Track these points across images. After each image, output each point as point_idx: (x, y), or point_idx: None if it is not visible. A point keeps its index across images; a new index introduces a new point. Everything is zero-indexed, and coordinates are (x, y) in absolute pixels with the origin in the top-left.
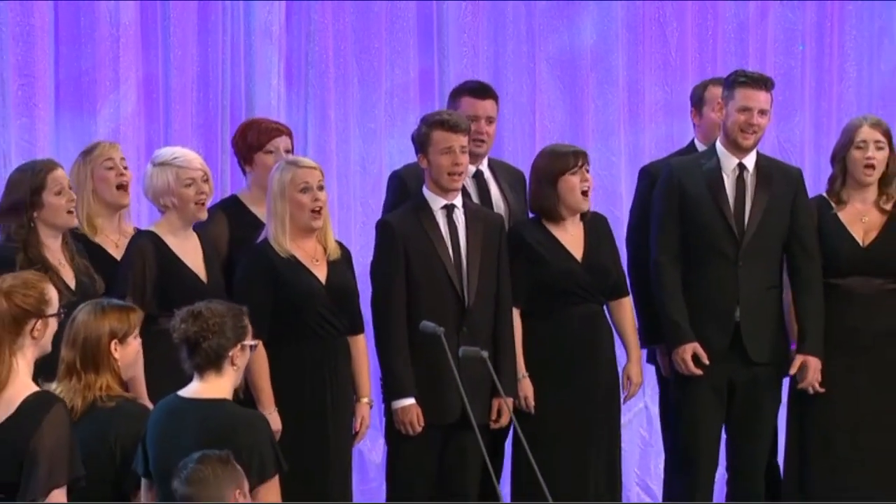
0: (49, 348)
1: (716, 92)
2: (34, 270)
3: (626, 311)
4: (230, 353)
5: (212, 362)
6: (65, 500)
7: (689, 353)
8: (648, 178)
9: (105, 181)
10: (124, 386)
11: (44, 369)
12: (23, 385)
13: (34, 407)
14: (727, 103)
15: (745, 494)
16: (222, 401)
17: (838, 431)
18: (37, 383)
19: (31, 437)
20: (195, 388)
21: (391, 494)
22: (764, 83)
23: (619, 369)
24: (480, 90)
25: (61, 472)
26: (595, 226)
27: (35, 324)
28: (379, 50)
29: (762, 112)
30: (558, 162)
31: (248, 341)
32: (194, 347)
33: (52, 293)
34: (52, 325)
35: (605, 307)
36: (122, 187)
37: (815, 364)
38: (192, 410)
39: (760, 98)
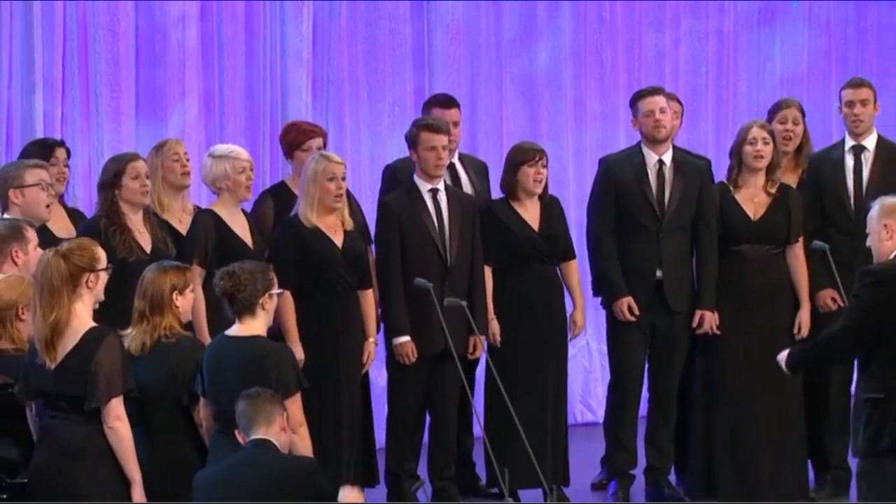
0: (102, 297)
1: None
2: (89, 238)
3: (573, 271)
4: (260, 301)
5: (246, 309)
6: (122, 408)
7: (626, 306)
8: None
9: (173, 171)
10: (183, 327)
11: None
12: (83, 322)
13: (92, 337)
14: (637, 115)
15: (662, 408)
16: (256, 337)
17: (734, 365)
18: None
19: (92, 359)
20: (236, 329)
21: (392, 409)
22: (658, 91)
23: (568, 315)
24: (446, 102)
25: (117, 385)
26: (550, 205)
27: (89, 277)
28: (383, 71)
29: (662, 110)
30: (521, 155)
31: (275, 290)
32: (231, 299)
33: (101, 253)
34: (103, 277)
35: (557, 268)
36: (185, 174)
37: (709, 316)
38: (232, 345)
39: (658, 100)
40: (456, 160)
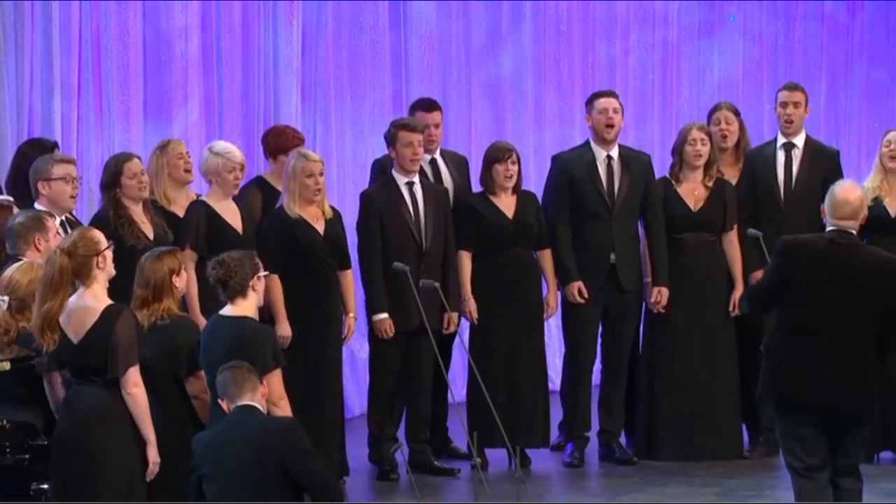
0: (114, 271)
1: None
2: (85, 227)
3: (547, 257)
4: (250, 284)
5: (238, 292)
6: (138, 375)
7: (576, 289)
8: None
9: (178, 167)
10: (180, 307)
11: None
12: (101, 301)
13: (110, 314)
14: (591, 113)
15: (614, 377)
16: (244, 317)
17: (675, 339)
18: None
19: (111, 333)
20: (228, 309)
21: (372, 379)
22: (610, 93)
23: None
24: (429, 105)
25: (133, 354)
26: (525, 197)
27: (97, 260)
28: (365, 77)
29: (615, 110)
30: (494, 153)
31: (261, 273)
32: (224, 285)
33: (99, 235)
34: (108, 255)
35: (535, 254)
36: (188, 170)
37: (664, 291)
38: (224, 324)
39: (612, 101)
40: (437, 156)
